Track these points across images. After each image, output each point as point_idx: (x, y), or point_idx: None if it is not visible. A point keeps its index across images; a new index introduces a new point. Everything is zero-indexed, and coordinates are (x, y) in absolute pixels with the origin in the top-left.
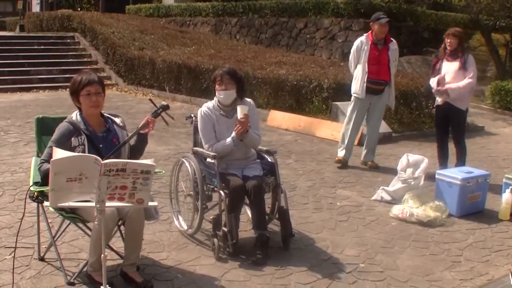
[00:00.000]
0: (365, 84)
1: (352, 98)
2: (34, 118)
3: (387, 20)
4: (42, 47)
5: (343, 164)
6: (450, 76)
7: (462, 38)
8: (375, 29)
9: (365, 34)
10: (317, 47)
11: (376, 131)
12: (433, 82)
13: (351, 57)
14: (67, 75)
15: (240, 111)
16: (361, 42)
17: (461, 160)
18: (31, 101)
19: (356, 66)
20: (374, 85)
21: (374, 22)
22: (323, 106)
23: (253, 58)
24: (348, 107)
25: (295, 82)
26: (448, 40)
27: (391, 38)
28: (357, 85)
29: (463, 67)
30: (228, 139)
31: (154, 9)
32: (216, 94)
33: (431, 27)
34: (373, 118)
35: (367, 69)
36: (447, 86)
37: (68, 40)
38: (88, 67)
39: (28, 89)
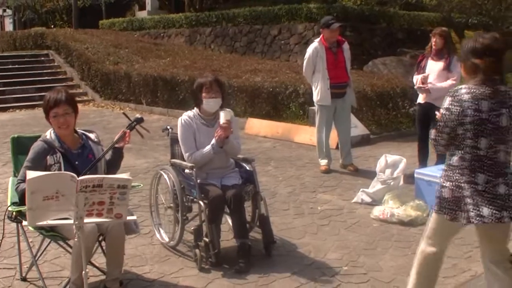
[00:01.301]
0: (329, 91)
1: (317, 106)
2: (10, 138)
3: (338, 25)
4: (17, 66)
5: (329, 170)
6: (434, 75)
7: (448, 38)
8: (326, 35)
9: (316, 41)
10: (292, 52)
11: (347, 133)
12: (416, 79)
13: (305, 64)
14: (42, 93)
15: (223, 117)
16: (316, 49)
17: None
18: (8, 121)
19: (314, 73)
20: (337, 89)
21: (324, 29)
22: (300, 111)
23: (228, 67)
24: (315, 116)
25: (271, 89)
26: (434, 40)
27: (342, 39)
28: (320, 93)
29: (447, 68)
30: (208, 147)
31: (127, 22)
32: (204, 102)
33: (405, 28)
34: (342, 121)
35: (328, 75)
36: (430, 85)
37: (43, 58)
38: (64, 84)
39: (4, 109)
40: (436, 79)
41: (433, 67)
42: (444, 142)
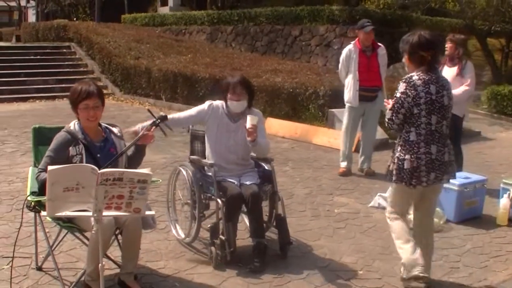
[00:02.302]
0: (357, 93)
1: (346, 107)
2: (31, 128)
3: (371, 28)
4: (38, 57)
5: (347, 173)
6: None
7: (458, 44)
8: (360, 37)
9: (352, 42)
10: (313, 54)
11: (372, 138)
12: None
13: (340, 66)
14: (63, 85)
15: (249, 121)
16: (350, 51)
17: (457, 166)
18: (28, 111)
19: (347, 74)
20: (367, 92)
21: (359, 30)
22: (319, 113)
23: (248, 66)
24: (343, 116)
25: (291, 90)
26: (446, 45)
27: (379, 44)
28: (349, 94)
29: (460, 74)
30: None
31: (149, 18)
32: (228, 103)
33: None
34: (369, 125)
35: (358, 77)
36: None
37: (64, 50)
38: (85, 76)
39: (24, 99)
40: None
41: (448, 73)
42: (399, 121)
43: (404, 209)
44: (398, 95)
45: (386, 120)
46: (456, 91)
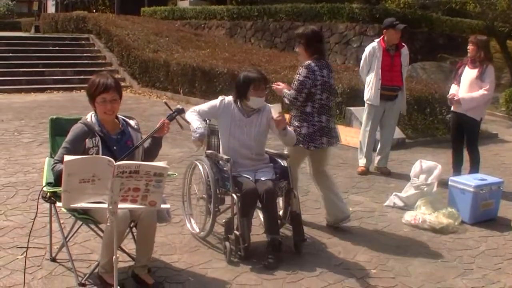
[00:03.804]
0: (379, 91)
1: (366, 105)
2: (48, 119)
3: (404, 26)
4: (57, 48)
5: (366, 172)
6: (467, 83)
7: (481, 46)
8: (389, 35)
9: (376, 40)
10: (332, 52)
11: (390, 137)
12: (451, 89)
13: (362, 63)
14: (81, 77)
15: (274, 111)
16: (373, 48)
17: (474, 168)
18: (45, 102)
19: (368, 72)
20: (388, 92)
21: (388, 29)
22: (337, 111)
23: (267, 62)
24: (362, 114)
25: None
26: (468, 47)
27: (403, 43)
28: (371, 92)
29: (480, 77)
30: (197, 126)
31: (169, 11)
32: (251, 99)
33: (446, 33)
34: (388, 124)
35: (380, 76)
36: (461, 96)
37: (83, 42)
38: (103, 68)
39: (42, 90)
40: (469, 87)
41: (468, 74)
42: (302, 99)
43: (297, 166)
44: (301, 78)
45: (290, 99)
46: (474, 94)
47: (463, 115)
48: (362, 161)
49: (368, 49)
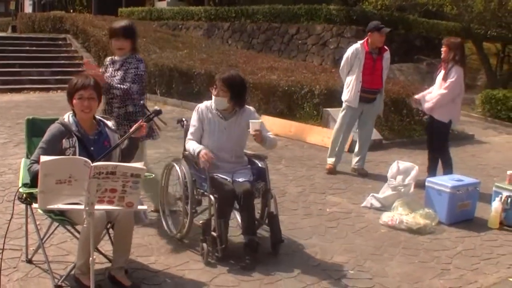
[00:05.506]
0: (358, 94)
1: (344, 105)
2: (25, 119)
3: (388, 30)
4: (34, 48)
5: (333, 171)
6: (437, 84)
7: (452, 48)
8: (373, 38)
9: (359, 42)
10: (309, 53)
11: (368, 138)
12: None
13: (343, 63)
14: (58, 77)
15: (252, 127)
16: (356, 50)
17: (446, 170)
18: (22, 102)
19: (349, 73)
20: (368, 94)
21: (373, 32)
22: (314, 112)
23: (244, 63)
24: (339, 114)
25: (286, 88)
26: (442, 49)
27: (385, 47)
28: (350, 94)
29: (445, 78)
30: (199, 148)
31: (146, 12)
32: (213, 99)
33: (423, 35)
34: (366, 126)
35: (361, 79)
36: (419, 96)
37: (60, 42)
38: (80, 69)
39: (18, 90)
40: (437, 89)
41: (439, 76)
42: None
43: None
44: (143, 73)
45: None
46: (431, 95)
47: (431, 118)
48: (330, 160)
49: (351, 49)
